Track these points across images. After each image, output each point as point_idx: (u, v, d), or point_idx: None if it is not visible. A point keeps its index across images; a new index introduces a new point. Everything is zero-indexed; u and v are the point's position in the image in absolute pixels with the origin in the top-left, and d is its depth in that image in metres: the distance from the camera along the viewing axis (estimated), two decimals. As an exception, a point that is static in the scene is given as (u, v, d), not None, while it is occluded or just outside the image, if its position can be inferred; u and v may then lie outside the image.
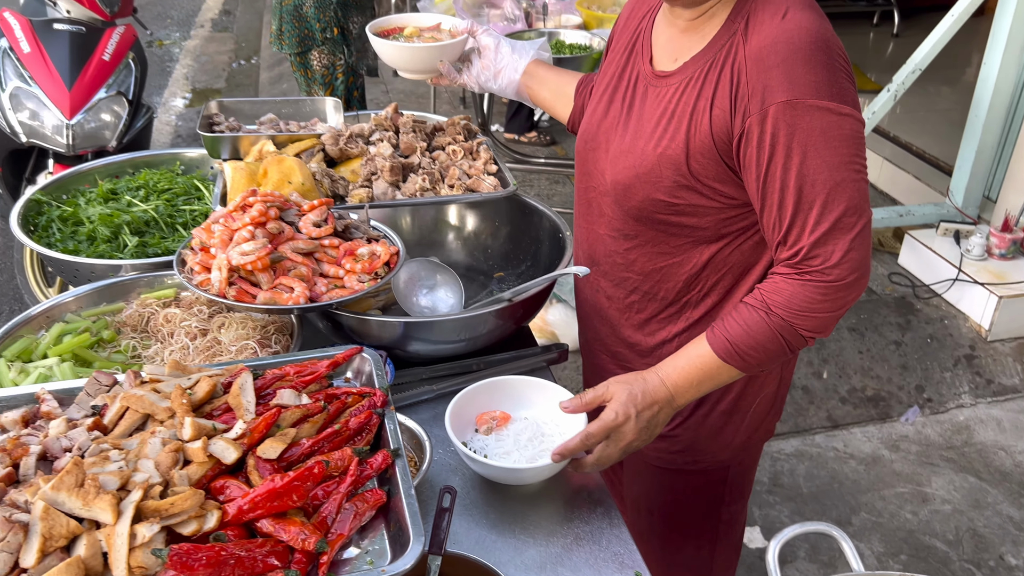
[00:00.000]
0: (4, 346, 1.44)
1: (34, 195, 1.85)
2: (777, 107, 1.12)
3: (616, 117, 1.37)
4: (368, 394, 1.15)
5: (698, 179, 1.25)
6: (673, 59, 1.29)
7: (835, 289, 1.17)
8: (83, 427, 1.07)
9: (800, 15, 1.15)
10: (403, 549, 0.94)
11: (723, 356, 1.24)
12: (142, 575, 0.89)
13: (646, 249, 1.38)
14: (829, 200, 1.14)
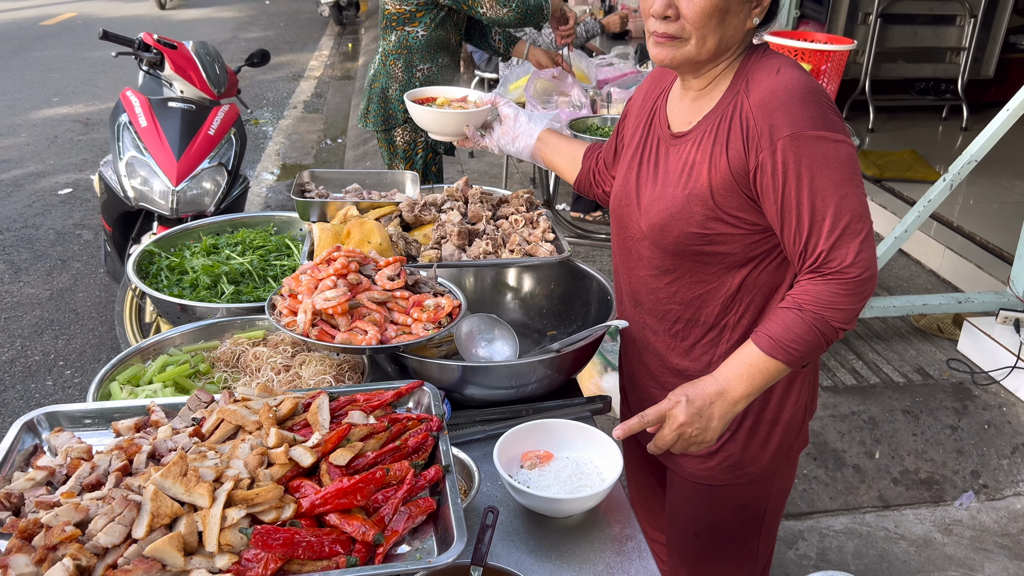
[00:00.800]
0: (117, 372, 1.66)
1: (147, 247, 2.12)
2: (783, 140, 1.34)
3: (644, 175, 1.58)
4: (426, 420, 1.32)
5: (723, 210, 1.44)
6: (687, 122, 1.51)
7: (854, 284, 1.35)
8: (185, 433, 1.27)
9: (791, 71, 1.39)
10: (447, 547, 1.09)
11: (767, 351, 1.39)
12: (229, 550, 1.06)
13: (685, 280, 1.55)
14: (838, 211, 1.34)
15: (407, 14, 3.18)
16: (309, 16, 14.22)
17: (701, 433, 1.43)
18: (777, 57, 1.45)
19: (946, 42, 6.79)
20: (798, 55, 3.60)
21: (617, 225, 1.67)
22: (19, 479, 1.21)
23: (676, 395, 1.43)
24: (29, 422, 1.33)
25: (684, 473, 1.72)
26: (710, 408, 1.42)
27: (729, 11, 1.37)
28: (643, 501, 2.07)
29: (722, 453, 1.65)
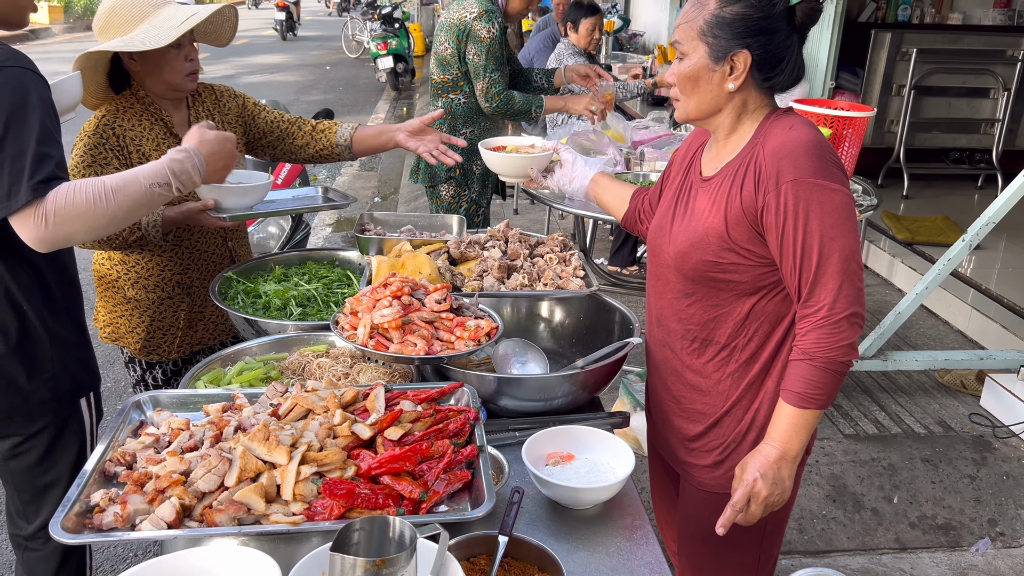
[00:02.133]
0: (202, 374, 1.94)
1: (226, 274, 2.42)
2: (787, 184, 1.55)
3: (678, 212, 1.81)
4: (464, 411, 1.56)
5: (735, 243, 1.66)
6: (714, 168, 1.75)
7: (844, 321, 1.56)
8: (264, 413, 1.53)
9: (802, 128, 1.62)
10: (479, 505, 1.32)
11: (800, 405, 1.59)
12: (302, 499, 1.31)
13: (702, 304, 1.76)
14: (827, 251, 1.54)
15: (450, 83, 3.53)
16: (367, 81, 14.94)
17: (780, 495, 1.62)
18: (794, 117, 1.66)
19: (980, 114, 6.98)
20: (821, 121, 3.84)
21: (652, 255, 1.90)
22: (131, 443, 1.47)
23: (749, 474, 1.61)
24: (136, 402, 1.61)
25: (694, 482, 1.91)
26: (779, 472, 1.61)
27: (700, 80, 1.64)
28: (665, 515, 2.24)
29: (728, 463, 1.83)
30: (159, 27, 2.19)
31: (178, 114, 2.39)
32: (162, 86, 2.30)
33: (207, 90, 2.51)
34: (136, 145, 2.28)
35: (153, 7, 2.22)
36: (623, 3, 12.14)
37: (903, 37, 6.72)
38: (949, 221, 6.13)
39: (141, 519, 1.27)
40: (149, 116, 2.32)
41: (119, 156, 2.26)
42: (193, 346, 2.56)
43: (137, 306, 2.46)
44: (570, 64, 5.20)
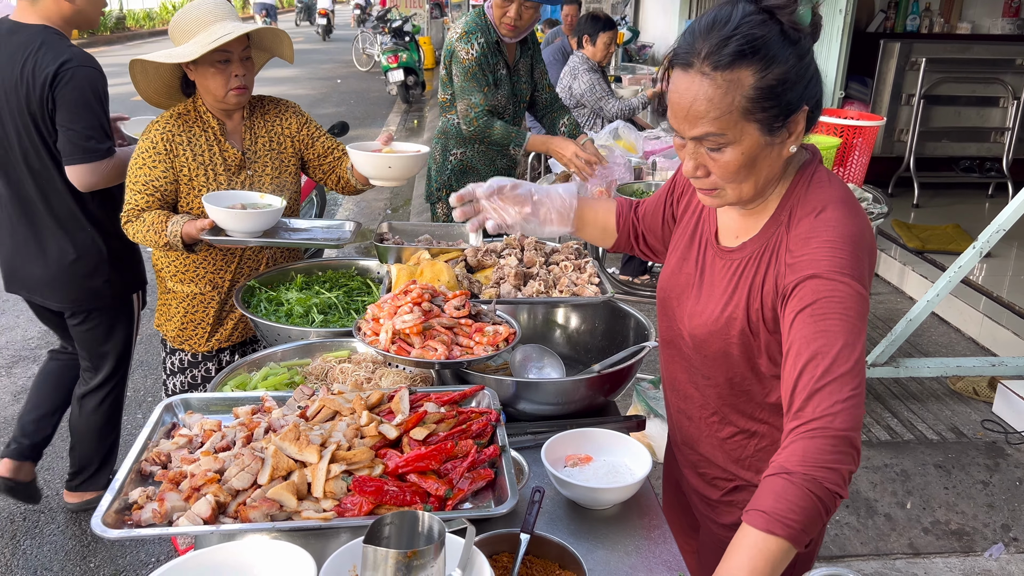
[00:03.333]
0: (229, 379, 1.99)
1: (249, 283, 2.48)
2: (804, 278, 1.35)
3: (690, 276, 1.64)
4: (486, 413, 1.60)
5: (756, 333, 1.50)
6: (735, 236, 1.57)
7: (840, 439, 1.24)
8: (293, 415, 1.58)
9: (834, 213, 1.40)
10: (502, 503, 1.36)
11: (764, 527, 1.21)
12: (332, 497, 1.35)
13: (721, 388, 1.62)
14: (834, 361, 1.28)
15: (447, 103, 3.53)
16: (378, 94, 15.07)
17: None
18: (825, 189, 1.45)
19: (990, 122, 7.01)
20: (831, 130, 3.89)
21: (662, 312, 1.74)
22: (165, 443, 1.52)
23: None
24: (168, 405, 1.66)
25: (716, 538, 1.80)
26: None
27: (757, 159, 1.38)
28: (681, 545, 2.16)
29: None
30: (199, 42, 2.32)
31: (231, 122, 2.54)
32: (209, 97, 2.45)
33: (271, 103, 2.67)
34: (183, 149, 2.46)
35: (208, 22, 2.35)
36: (632, 15, 12.22)
37: (912, 47, 6.76)
38: (960, 229, 6.15)
39: (178, 515, 1.32)
40: (200, 123, 2.49)
41: (165, 160, 2.43)
42: (221, 342, 2.70)
43: (174, 297, 2.63)
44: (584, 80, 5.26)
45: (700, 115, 1.33)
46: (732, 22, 1.31)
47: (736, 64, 1.30)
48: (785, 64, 1.32)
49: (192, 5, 2.37)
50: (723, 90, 1.31)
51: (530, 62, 3.58)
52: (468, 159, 3.51)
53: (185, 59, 2.28)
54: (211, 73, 2.37)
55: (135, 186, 2.43)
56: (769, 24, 1.32)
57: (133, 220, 2.44)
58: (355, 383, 1.68)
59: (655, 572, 1.55)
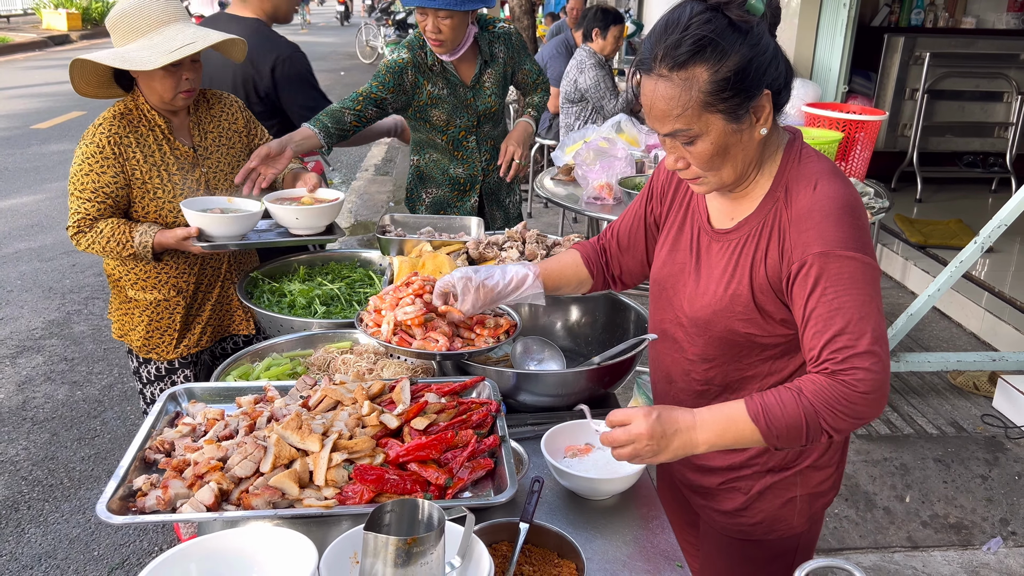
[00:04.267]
0: (232, 368, 2.01)
1: (252, 275, 2.49)
2: (813, 256, 1.40)
3: (685, 265, 1.66)
4: (486, 403, 1.62)
5: (762, 309, 1.53)
6: (730, 218, 1.59)
7: (859, 396, 1.35)
8: (296, 404, 1.59)
9: (827, 185, 1.45)
10: (501, 492, 1.38)
11: (752, 415, 1.40)
12: (334, 485, 1.37)
13: (723, 368, 1.64)
14: (858, 331, 1.36)
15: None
16: (381, 86, 15.04)
17: (650, 454, 1.45)
18: (814, 163, 1.50)
19: (993, 117, 7.00)
20: (834, 124, 3.89)
21: (656, 308, 1.76)
22: (169, 432, 1.54)
23: (650, 408, 1.46)
24: (172, 394, 1.68)
25: (717, 526, 1.82)
26: (672, 436, 1.44)
27: (728, 146, 1.44)
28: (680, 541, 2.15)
29: (753, 510, 1.74)
30: (156, 47, 2.20)
31: (177, 119, 2.45)
32: (154, 97, 2.34)
33: (215, 98, 2.56)
34: (132, 151, 2.34)
35: (159, 23, 2.25)
36: (636, 8, 12.20)
37: (916, 41, 6.75)
38: (962, 224, 6.15)
39: (181, 502, 1.34)
40: (146, 122, 2.38)
41: (115, 164, 2.31)
42: (191, 348, 2.61)
43: (136, 306, 2.54)
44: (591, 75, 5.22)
45: (666, 113, 1.41)
46: (681, 23, 1.39)
47: (689, 62, 1.37)
48: (737, 55, 1.37)
49: (136, 2, 2.23)
50: (680, 88, 1.38)
51: (500, 72, 3.25)
52: (423, 167, 3.34)
53: (144, 66, 2.17)
54: (160, 76, 2.25)
55: (83, 194, 2.29)
56: (717, 19, 1.37)
57: (86, 231, 2.31)
58: (357, 374, 1.70)
59: (653, 562, 1.56)
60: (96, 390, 4.30)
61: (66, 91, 13.74)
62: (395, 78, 3.05)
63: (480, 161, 3.30)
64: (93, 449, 3.77)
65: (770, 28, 1.45)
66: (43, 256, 6.07)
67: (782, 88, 1.46)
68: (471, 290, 1.80)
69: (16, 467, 3.63)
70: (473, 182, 3.34)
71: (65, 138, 10.13)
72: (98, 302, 5.39)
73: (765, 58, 1.41)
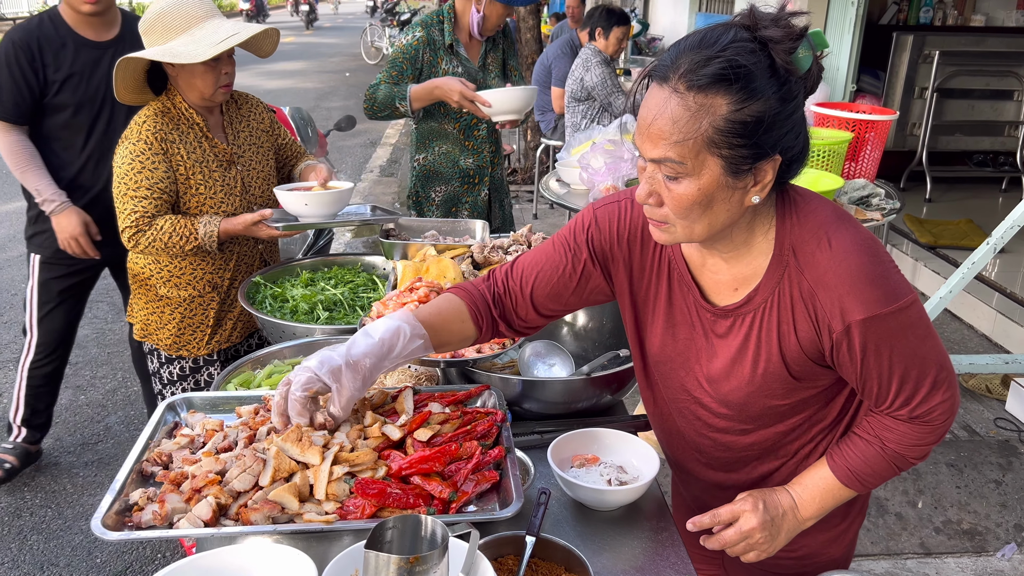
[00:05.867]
0: (233, 376, 1.97)
1: (254, 279, 2.46)
2: (856, 324, 1.28)
3: (690, 342, 1.50)
4: (492, 413, 1.58)
5: (800, 378, 1.42)
6: (732, 290, 1.42)
7: (937, 427, 1.38)
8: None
9: (841, 238, 1.30)
10: (507, 505, 1.34)
11: (844, 481, 1.43)
12: (335, 499, 1.33)
13: (764, 432, 1.54)
14: (922, 372, 1.33)
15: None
16: (386, 87, 15.03)
17: (767, 542, 1.45)
18: (814, 214, 1.34)
19: (1004, 116, 6.93)
20: (843, 124, 3.84)
21: (663, 385, 1.62)
22: (167, 444, 1.51)
23: (752, 498, 1.45)
24: (171, 404, 1.64)
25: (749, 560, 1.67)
26: (782, 520, 1.45)
27: (715, 199, 1.25)
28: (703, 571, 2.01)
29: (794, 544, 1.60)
30: (200, 41, 2.26)
31: (212, 118, 2.48)
32: (195, 95, 2.38)
33: (243, 98, 2.62)
34: (176, 147, 2.38)
35: (198, 19, 2.29)
36: (642, 7, 12.16)
37: (925, 39, 6.69)
38: (973, 224, 6.09)
39: (179, 517, 1.30)
40: (185, 120, 2.42)
41: (164, 160, 2.34)
42: (221, 343, 2.63)
43: (168, 303, 2.54)
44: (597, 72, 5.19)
45: (662, 135, 1.22)
46: (720, 43, 1.21)
47: (712, 87, 1.19)
48: (766, 102, 1.20)
49: (173, 2, 2.28)
50: (691, 112, 1.19)
51: (501, 57, 3.41)
52: (430, 163, 3.34)
53: (194, 59, 2.22)
54: (201, 71, 2.31)
55: (138, 192, 2.31)
56: (759, 55, 1.21)
57: (145, 229, 2.32)
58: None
59: (663, 575, 1.52)
60: (99, 394, 4.27)
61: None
62: (412, 64, 3.15)
63: (488, 152, 3.32)
64: (96, 455, 3.75)
65: (806, 92, 1.29)
66: (47, 259, 6.04)
67: (792, 161, 1.29)
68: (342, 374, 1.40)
69: (19, 473, 3.61)
70: (482, 174, 3.36)
71: (70, 140, 10.11)
72: (102, 305, 5.36)
73: (792, 120, 1.25)
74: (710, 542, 1.50)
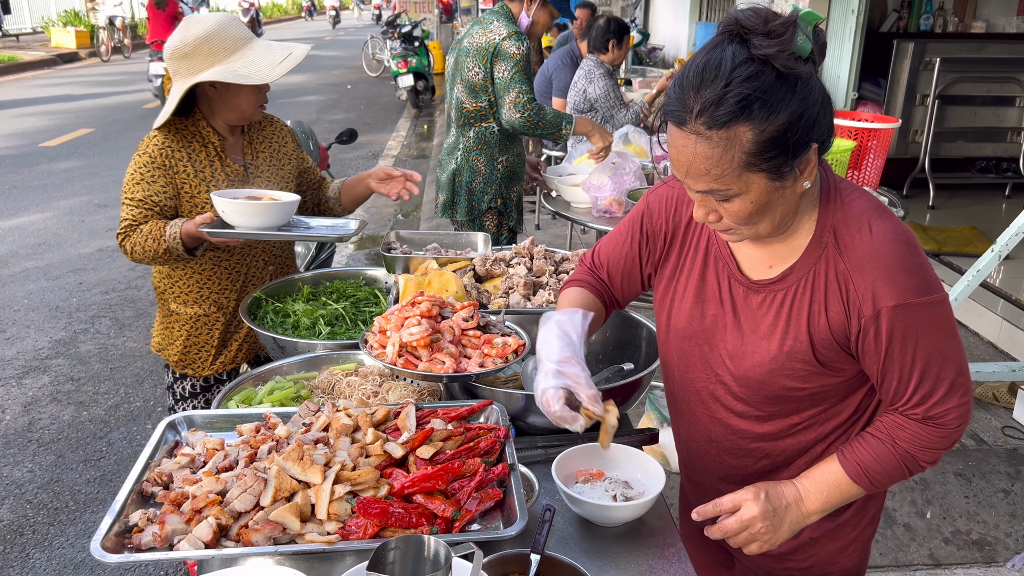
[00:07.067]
0: (234, 393, 1.96)
1: (255, 295, 2.45)
2: (887, 310, 1.31)
3: (718, 318, 1.52)
4: (495, 429, 1.56)
5: (824, 363, 1.43)
6: (768, 266, 1.46)
7: (950, 431, 1.39)
8: (299, 433, 1.54)
9: (881, 226, 1.34)
10: (511, 523, 1.32)
11: (854, 477, 1.43)
12: (336, 519, 1.32)
13: (778, 422, 1.54)
14: (942, 372, 1.36)
15: (483, 111, 3.45)
16: (387, 100, 15.08)
17: (768, 534, 1.44)
18: (857, 201, 1.39)
19: (1006, 122, 6.92)
20: (846, 133, 3.83)
21: (683, 364, 1.63)
22: (167, 463, 1.49)
23: (755, 488, 1.45)
24: (171, 422, 1.63)
25: (760, 570, 1.73)
26: (784, 512, 1.44)
27: (769, 202, 1.31)
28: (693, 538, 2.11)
29: (803, 554, 1.66)
30: (258, 62, 2.30)
31: (231, 139, 2.49)
32: (234, 114, 2.40)
33: (266, 119, 2.61)
34: (183, 164, 2.38)
35: (244, 40, 2.33)
36: (642, 18, 12.18)
37: (926, 46, 6.68)
38: (976, 231, 6.07)
39: (179, 539, 1.29)
40: (199, 139, 2.42)
41: (165, 175, 2.35)
42: (226, 365, 2.60)
43: (177, 319, 2.54)
44: (600, 85, 5.22)
45: (701, 173, 1.27)
46: (723, 74, 1.21)
47: (732, 122, 1.21)
48: (787, 111, 1.23)
49: (218, 26, 2.29)
50: (721, 148, 1.23)
51: None
52: (512, 165, 3.52)
53: (259, 80, 2.27)
54: (248, 91, 2.35)
55: (132, 201, 2.34)
56: (764, 73, 1.22)
57: (130, 234, 2.35)
58: (360, 400, 1.64)
59: (670, 592, 1.50)
60: (102, 410, 4.26)
61: (74, 109, 13.82)
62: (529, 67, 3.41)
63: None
64: (99, 471, 3.73)
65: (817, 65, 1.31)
66: (50, 275, 6.05)
67: (827, 137, 1.33)
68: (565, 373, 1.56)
69: (21, 490, 3.60)
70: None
71: (73, 156, 10.16)
72: (104, 320, 5.36)
73: (814, 110, 1.26)
74: (712, 530, 1.49)
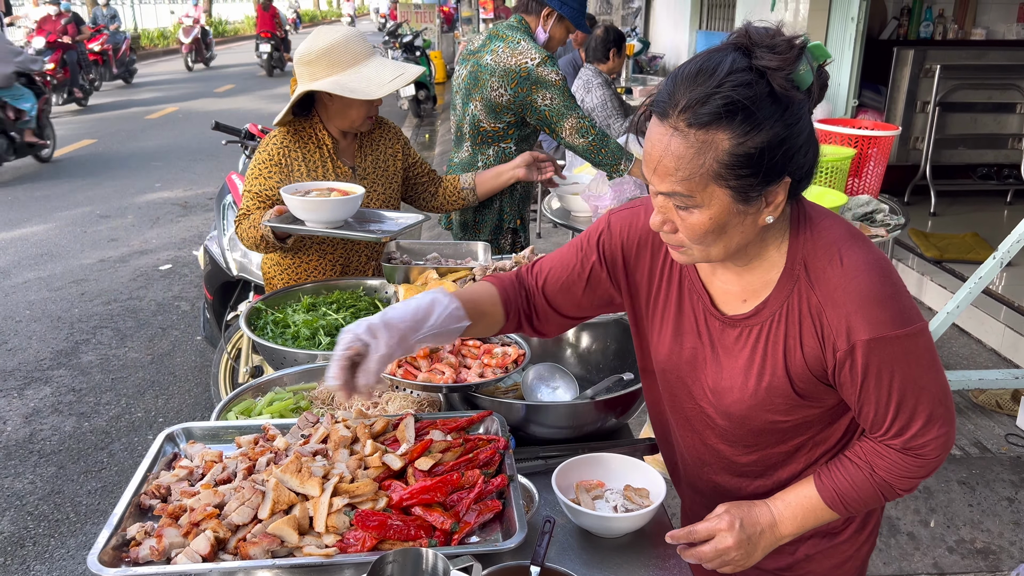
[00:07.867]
0: (233, 404, 1.95)
1: (256, 304, 2.44)
2: (861, 343, 1.27)
3: (697, 351, 1.49)
4: (494, 440, 1.56)
5: (805, 396, 1.40)
6: (741, 300, 1.42)
7: (929, 461, 1.36)
8: (297, 445, 1.53)
9: (854, 256, 1.30)
10: (510, 535, 1.31)
11: (829, 503, 1.41)
12: (335, 531, 1.31)
13: (766, 451, 1.52)
14: (919, 403, 1.32)
15: (501, 131, 3.34)
16: (389, 108, 15.11)
17: (743, 559, 1.44)
18: (828, 230, 1.34)
19: (1007, 129, 6.91)
20: (845, 141, 3.83)
21: (670, 394, 1.60)
22: (165, 475, 1.49)
23: (729, 516, 1.43)
24: (170, 435, 1.62)
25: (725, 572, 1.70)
26: (758, 537, 1.43)
27: (727, 225, 1.26)
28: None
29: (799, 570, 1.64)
30: (371, 79, 2.43)
31: (344, 141, 2.66)
32: (345, 123, 2.56)
33: (380, 124, 2.77)
34: (298, 164, 2.57)
35: (363, 56, 2.48)
36: (642, 26, 12.21)
37: (926, 54, 6.69)
38: (978, 238, 6.05)
39: (176, 552, 1.28)
40: (315, 140, 2.60)
41: (280, 172, 2.55)
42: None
43: None
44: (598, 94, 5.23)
45: (668, 171, 1.22)
46: (717, 76, 1.18)
47: (713, 125, 1.18)
48: (770, 131, 1.19)
49: (343, 39, 2.44)
50: (694, 150, 1.19)
51: None
52: (527, 185, 3.49)
53: (367, 96, 2.40)
54: (359, 104, 2.48)
55: (249, 193, 2.56)
56: (758, 85, 1.19)
57: (242, 222, 2.56)
58: (359, 412, 1.64)
59: (671, 605, 1.49)
60: (103, 421, 4.26)
61: (77, 120, 13.83)
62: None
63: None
64: (100, 482, 3.73)
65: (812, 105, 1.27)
66: (52, 285, 6.06)
67: (802, 179, 1.28)
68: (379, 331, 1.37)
69: (22, 502, 3.59)
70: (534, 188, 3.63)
71: (75, 167, 10.19)
72: (106, 331, 5.36)
73: (797, 143, 1.22)
74: (687, 554, 1.47)
